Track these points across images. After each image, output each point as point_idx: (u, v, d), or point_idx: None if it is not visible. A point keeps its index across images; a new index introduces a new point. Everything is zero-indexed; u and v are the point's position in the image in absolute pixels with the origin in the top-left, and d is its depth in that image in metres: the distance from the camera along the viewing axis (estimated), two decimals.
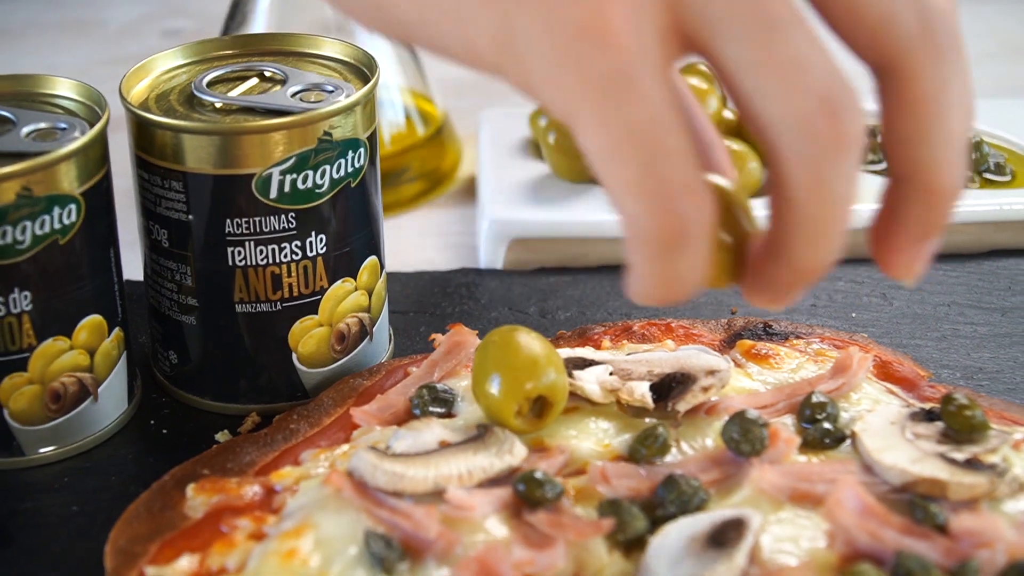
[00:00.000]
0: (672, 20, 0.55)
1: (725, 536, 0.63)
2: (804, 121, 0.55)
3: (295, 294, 0.79)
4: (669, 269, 0.57)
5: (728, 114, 1.05)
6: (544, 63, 0.55)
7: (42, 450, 0.78)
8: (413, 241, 1.02)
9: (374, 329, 0.83)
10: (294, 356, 0.80)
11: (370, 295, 0.82)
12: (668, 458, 0.70)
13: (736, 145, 1.00)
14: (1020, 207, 0.99)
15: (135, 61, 0.81)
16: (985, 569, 0.63)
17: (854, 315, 0.92)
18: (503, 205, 0.99)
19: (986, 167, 1.05)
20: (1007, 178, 1.05)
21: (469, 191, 1.10)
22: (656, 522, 0.66)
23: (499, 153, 1.06)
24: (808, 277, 0.59)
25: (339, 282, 0.80)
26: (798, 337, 0.81)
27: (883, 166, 1.06)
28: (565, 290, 0.95)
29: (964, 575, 0.63)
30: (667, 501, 0.66)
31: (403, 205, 1.07)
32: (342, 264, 0.80)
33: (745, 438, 0.69)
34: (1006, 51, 1.41)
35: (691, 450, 0.71)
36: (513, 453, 0.69)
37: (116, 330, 0.79)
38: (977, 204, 0.99)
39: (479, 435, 0.70)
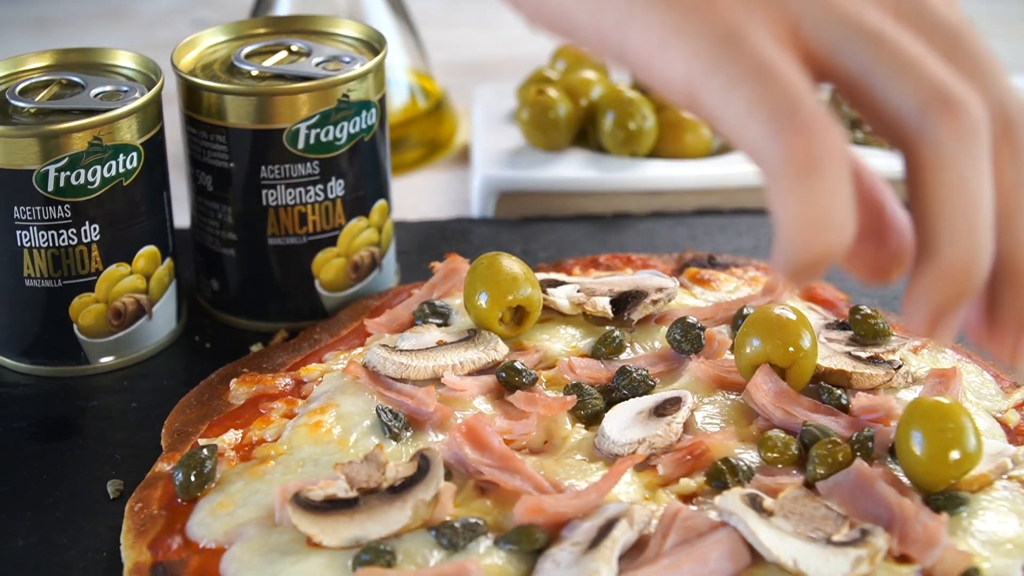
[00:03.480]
0: (788, 32, 0.56)
1: (665, 409, 0.78)
2: (929, 102, 0.55)
3: (318, 230, 0.93)
4: (811, 202, 0.52)
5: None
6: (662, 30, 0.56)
7: (104, 359, 0.92)
8: (415, 197, 1.15)
9: (383, 261, 0.97)
10: (316, 282, 0.95)
11: (380, 232, 0.96)
12: (623, 356, 0.85)
13: (689, 113, 1.13)
14: None
15: (167, 48, 0.94)
16: (879, 441, 0.76)
17: None
18: (493, 164, 1.13)
19: None
20: None
21: (464, 157, 1.23)
22: (611, 403, 0.80)
23: (490, 124, 1.19)
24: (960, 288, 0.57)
25: (354, 220, 0.94)
26: (737, 267, 0.95)
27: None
28: (545, 235, 1.08)
29: (860, 442, 0.75)
30: (620, 386, 0.81)
31: (407, 168, 1.20)
32: (357, 205, 0.94)
33: (685, 338, 0.84)
34: None
35: (642, 350, 0.86)
36: (497, 350, 0.83)
37: (167, 260, 0.93)
38: None
39: (469, 337, 0.85)
